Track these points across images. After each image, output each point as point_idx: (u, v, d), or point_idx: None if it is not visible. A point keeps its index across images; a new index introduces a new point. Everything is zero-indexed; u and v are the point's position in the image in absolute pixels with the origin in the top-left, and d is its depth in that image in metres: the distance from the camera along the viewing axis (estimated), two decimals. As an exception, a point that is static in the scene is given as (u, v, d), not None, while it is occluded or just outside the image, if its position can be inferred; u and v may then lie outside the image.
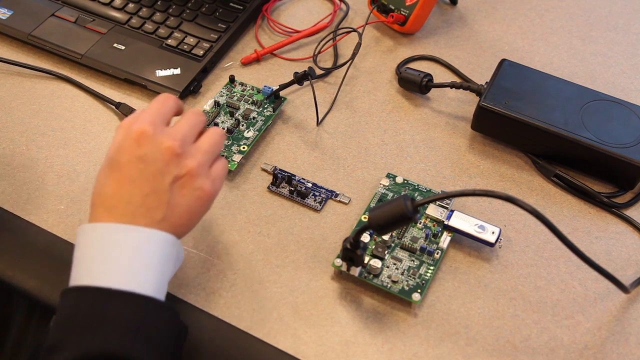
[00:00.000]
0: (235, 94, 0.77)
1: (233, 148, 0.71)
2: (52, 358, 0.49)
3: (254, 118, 0.74)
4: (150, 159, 0.53)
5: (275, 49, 0.83)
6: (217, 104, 0.75)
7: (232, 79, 0.78)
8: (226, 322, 0.59)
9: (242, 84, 0.78)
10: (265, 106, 0.75)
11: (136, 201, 0.53)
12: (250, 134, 0.72)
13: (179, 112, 0.59)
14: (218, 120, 0.73)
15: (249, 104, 0.75)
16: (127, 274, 0.51)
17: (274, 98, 0.76)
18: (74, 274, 0.52)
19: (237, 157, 0.70)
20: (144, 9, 0.84)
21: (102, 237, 0.53)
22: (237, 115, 0.74)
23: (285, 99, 0.76)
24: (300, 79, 0.75)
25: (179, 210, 0.54)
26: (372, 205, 0.67)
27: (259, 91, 0.77)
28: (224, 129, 0.72)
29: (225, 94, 0.77)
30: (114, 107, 0.75)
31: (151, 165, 0.53)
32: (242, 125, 0.73)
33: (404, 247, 0.63)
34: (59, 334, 0.50)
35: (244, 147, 0.71)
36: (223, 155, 0.63)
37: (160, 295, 0.53)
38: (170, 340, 0.52)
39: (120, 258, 0.52)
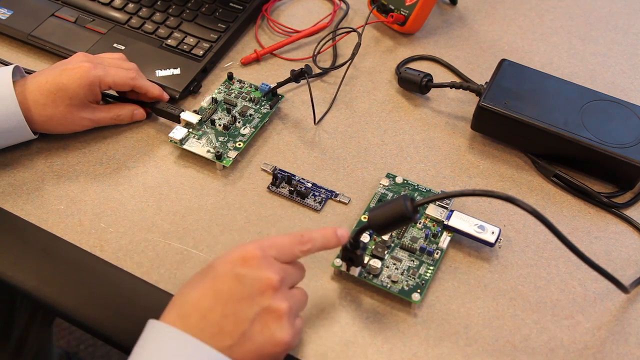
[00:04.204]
0: (233, 91, 0.77)
1: (229, 144, 0.71)
2: None
3: (250, 115, 0.74)
4: (246, 281, 0.51)
5: (275, 49, 0.83)
6: (214, 100, 0.75)
7: (230, 76, 0.78)
8: (226, 322, 0.59)
9: (240, 81, 0.78)
10: (263, 103, 0.75)
11: (212, 319, 0.50)
12: (246, 130, 0.72)
13: (295, 258, 0.56)
14: (215, 117, 0.73)
15: (246, 101, 0.75)
16: None
17: (272, 96, 0.76)
18: None
19: (232, 154, 0.70)
20: (144, 9, 0.84)
21: (166, 345, 0.50)
22: (234, 112, 0.74)
23: (282, 96, 0.76)
24: (297, 76, 0.75)
25: (250, 346, 0.50)
26: (372, 205, 0.67)
27: (256, 88, 0.77)
28: (220, 125, 0.72)
29: (223, 91, 0.77)
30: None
31: (245, 288, 0.51)
32: (239, 122, 0.73)
33: (403, 247, 0.63)
34: None
35: (239, 144, 0.71)
36: None
37: None
38: None
39: None
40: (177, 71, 0.78)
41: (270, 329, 0.51)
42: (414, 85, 0.77)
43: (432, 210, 0.66)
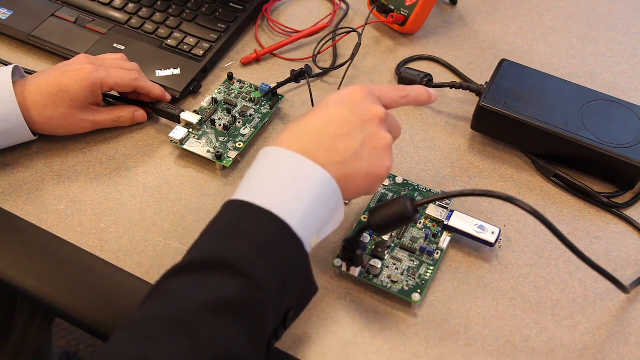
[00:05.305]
0: (233, 91, 0.77)
1: (229, 145, 0.71)
2: (184, 258, 0.51)
3: (250, 115, 0.74)
4: (357, 109, 0.56)
5: (275, 49, 0.83)
6: (214, 100, 0.75)
7: (230, 76, 0.78)
8: (226, 322, 0.59)
9: (240, 82, 0.78)
10: (263, 104, 0.75)
11: (327, 135, 0.55)
12: (246, 130, 0.72)
13: (395, 104, 0.61)
14: (215, 117, 0.73)
15: (246, 101, 0.75)
16: (278, 197, 0.52)
17: (272, 96, 0.76)
18: (237, 190, 0.54)
19: (232, 154, 0.70)
20: (144, 9, 0.84)
21: (272, 160, 0.55)
22: (234, 112, 0.74)
23: (282, 96, 0.76)
24: (297, 76, 0.75)
25: (360, 165, 0.55)
26: (372, 205, 0.67)
27: (256, 89, 0.77)
28: (220, 125, 0.73)
29: (223, 91, 0.77)
30: (113, 107, 0.75)
31: (356, 114, 0.56)
32: (239, 122, 0.73)
33: (403, 247, 0.63)
34: (198, 238, 0.52)
35: (239, 144, 0.71)
36: None
37: (304, 231, 0.52)
38: (293, 280, 0.52)
39: (279, 183, 0.53)
40: (177, 71, 0.78)
41: (377, 153, 0.56)
42: (414, 85, 0.77)
43: (432, 210, 0.66)
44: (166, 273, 0.50)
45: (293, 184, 0.53)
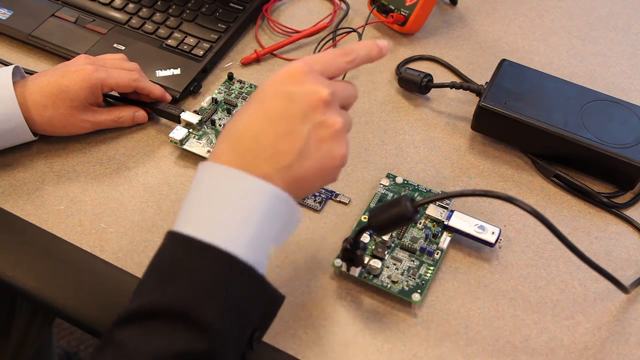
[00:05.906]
0: (233, 91, 0.77)
1: (232, 148, 0.71)
2: (129, 305, 0.47)
3: (251, 116, 0.74)
4: (296, 98, 0.49)
5: (275, 49, 0.83)
6: (214, 100, 0.75)
7: (230, 77, 0.78)
8: (226, 322, 0.59)
9: (240, 82, 0.78)
10: (264, 105, 0.75)
11: (265, 141, 0.49)
12: (249, 133, 0.72)
13: (342, 72, 0.54)
14: (215, 117, 0.73)
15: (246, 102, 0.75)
16: (221, 226, 0.48)
17: (273, 97, 0.76)
18: (178, 216, 0.50)
19: None
20: (144, 9, 0.84)
21: (210, 181, 0.49)
22: (234, 112, 0.74)
23: (284, 98, 0.76)
24: (298, 77, 0.75)
25: (308, 164, 0.49)
26: (372, 205, 0.67)
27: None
28: (220, 125, 0.73)
29: (223, 91, 0.77)
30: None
31: (295, 105, 0.49)
32: (242, 125, 0.73)
33: (403, 248, 0.63)
34: (143, 278, 0.49)
35: (243, 147, 0.71)
36: None
37: (254, 255, 0.48)
38: (252, 308, 0.48)
39: (220, 208, 0.48)
40: (177, 71, 0.78)
41: (327, 144, 0.50)
42: (414, 85, 0.77)
43: (432, 210, 0.66)
44: (115, 321, 0.46)
45: (236, 207, 0.48)
